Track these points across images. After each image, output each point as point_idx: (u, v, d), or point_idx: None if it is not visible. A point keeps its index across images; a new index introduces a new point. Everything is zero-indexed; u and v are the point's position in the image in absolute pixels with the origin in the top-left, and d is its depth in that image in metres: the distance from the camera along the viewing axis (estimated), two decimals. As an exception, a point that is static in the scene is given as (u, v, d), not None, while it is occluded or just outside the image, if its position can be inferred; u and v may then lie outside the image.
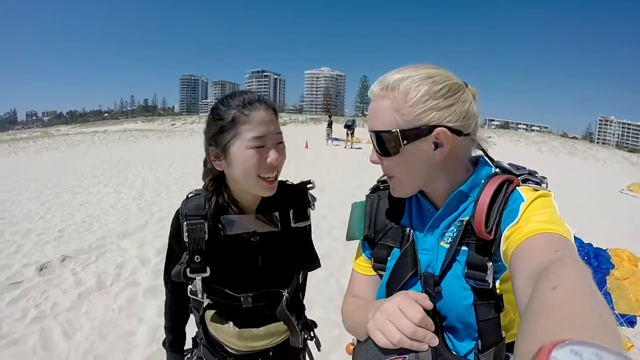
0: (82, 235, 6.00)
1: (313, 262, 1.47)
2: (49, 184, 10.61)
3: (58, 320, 3.58)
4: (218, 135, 1.20)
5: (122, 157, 17.12)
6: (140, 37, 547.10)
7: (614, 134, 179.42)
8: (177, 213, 1.34)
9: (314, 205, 1.46)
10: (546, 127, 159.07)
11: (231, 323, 1.36)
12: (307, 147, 19.90)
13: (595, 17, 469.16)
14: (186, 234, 1.26)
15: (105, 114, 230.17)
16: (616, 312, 3.39)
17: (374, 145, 1.00)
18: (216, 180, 1.30)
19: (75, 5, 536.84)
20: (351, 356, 1.02)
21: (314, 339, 1.59)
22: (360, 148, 20.56)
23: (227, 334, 1.36)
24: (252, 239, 1.34)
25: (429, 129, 0.91)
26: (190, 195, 1.36)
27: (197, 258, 1.26)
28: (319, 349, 1.66)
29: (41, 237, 5.92)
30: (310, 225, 1.46)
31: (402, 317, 0.78)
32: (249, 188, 1.24)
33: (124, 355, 3.13)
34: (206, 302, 1.38)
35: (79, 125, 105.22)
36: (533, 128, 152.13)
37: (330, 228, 6.25)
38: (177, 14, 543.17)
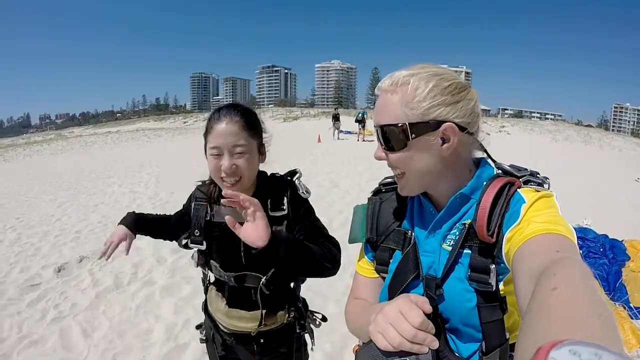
0: (99, 235, 6.08)
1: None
2: (65, 185, 10.76)
3: (77, 320, 3.63)
4: (204, 139, 1.46)
5: (136, 157, 17.27)
6: (150, 36, 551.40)
7: (629, 122, 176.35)
8: (190, 196, 1.67)
9: (304, 192, 1.54)
10: (560, 115, 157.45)
11: (224, 301, 1.60)
12: (319, 141, 19.87)
13: (611, 3, 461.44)
14: (192, 212, 1.58)
15: (118, 114, 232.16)
16: (631, 304, 3.34)
17: (379, 141, 1.01)
18: None
19: (85, 7, 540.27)
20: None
21: (308, 332, 1.72)
22: (372, 140, 20.48)
23: (219, 311, 1.62)
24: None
25: (437, 123, 0.93)
26: (205, 182, 1.64)
27: (197, 232, 1.55)
28: (312, 343, 1.78)
29: (58, 238, 6.02)
30: (292, 215, 1.50)
31: (403, 320, 0.79)
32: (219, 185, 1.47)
33: (142, 353, 3.16)
34: (210, 277, 1.68)
35: (92, 127, 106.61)
36: (547, 116, 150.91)
37: (345, 222, 6.21)
38: (184, 11, 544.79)
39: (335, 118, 22.20)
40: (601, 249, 3.91)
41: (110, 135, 35.13)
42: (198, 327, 1.84)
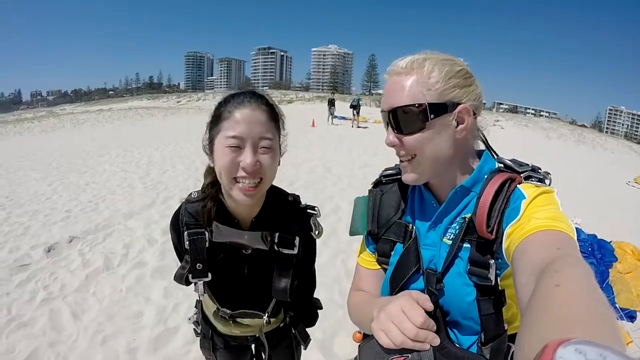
0: (89, 215, 6.04)
1: (280, 293, 1.36)
2: (55, 163, 10.64)
3: (67, 302, 3.61)
4: (210, 128, 1.19)
5: (128, 135, 17.12)
6: (145, 13, 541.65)
7: (623, 125, 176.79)
8: (176, 219, 1.34)
9: (318, 232, 1.40)
10: (555, 113, 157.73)
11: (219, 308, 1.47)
12: (313, 125, 19.79)
13: (611, 5, 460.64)
14: (187, 242, 1.29)
15: (110, 92, 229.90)
16: (617, 305, 3.38)
17: (391, 125, 0.99)
18: (214, 185, 1.27)
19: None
20: (357, 347, 1.05)
21: (299, 335, 1.63)
22: (366, 127, 20.46)
23: (216, 320, 1.50)
24: (244, 250, 1.34)
25: (454, 105, 0.94)
26: (190, 200, 1.34)
27: (199, 266, 1.30)
28: (304, 346, 1.69)
29: (48, 218, 5.96)
30: (300, 256, 1.36)
31: (405, 319, 0.81)
32: (227, 189, 1.18)
33: (132, 336, 3.16)
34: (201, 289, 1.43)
35: (84, 104, 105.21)
36: (542, 113, 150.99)
37: (336, 208, 6.25)
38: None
39: (331, 103, 22.09)
40: (589, 249, 3.93)
41: (102, 113, 34.70)
42: (196, 322, 1.67)
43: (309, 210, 1.40)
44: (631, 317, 3.33)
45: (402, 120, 0.95)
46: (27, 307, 3.51)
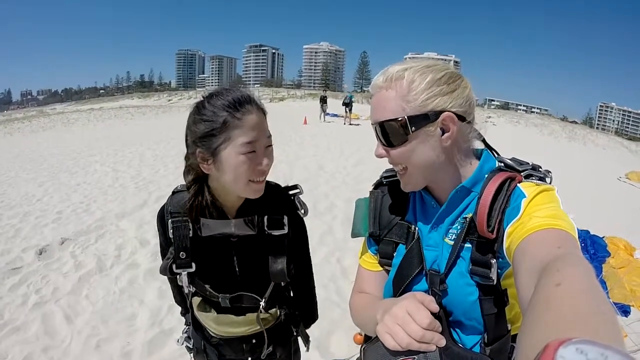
0: (81, 216, 5.99)
1: (278, 275, 1.37)
2: (46, 164, 10.56)
3: (59, 305, 3.57)
4: (207, 138, 1.14)
5: (119, 135, 17.04)
6: (136, 11, 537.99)
7: (614, 121, 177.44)
8: (162, 210, 1.36)
9: (304, 211, 1.42)
10: (546, 110, 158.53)
11: (213, 308, 1.44)
12: (305, 122, 19.80)
13: (602, 2, 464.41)
14: (171, 231, 1.30)
15: (101, 91, 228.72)
16: (611, 300, 3.42)
17: (379, 138, 1.00)
18: (198, 181, 1.27)
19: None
20: (359, 349, 1.05)
21: (301, 335, 1.64)
22: (359, 124, 20.49)
23: (207, 317, 1.44)
24: (231, 238, 1.34)
25: (436, 114, 0.92)
26: (176, 191, 1.37)
27: (182, 254, 1.31)
28: (307, 347, 1.70)
29: (39, 219, 5.90)
30: (291, 234, 1.38)
31: (411, 321, 0.81)
32: (237, 191, 1.22)
33: (127, 339, 3.13)
34: (193, 290, 1.42)
35: (74, 103, 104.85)
36: (533, 110, 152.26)
37: (331, 206, 6.25)
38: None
39: (323, 100, 22.14)
40: (583, 245, 3.97)
41: (93, 113, 34.52)
42: (187, 338, 1.63)
43: (291, 191, 1.43)
44: (625, 311, 3.38)
45: (386, 134, 0.96)
46: (20, 312, 3.47)
